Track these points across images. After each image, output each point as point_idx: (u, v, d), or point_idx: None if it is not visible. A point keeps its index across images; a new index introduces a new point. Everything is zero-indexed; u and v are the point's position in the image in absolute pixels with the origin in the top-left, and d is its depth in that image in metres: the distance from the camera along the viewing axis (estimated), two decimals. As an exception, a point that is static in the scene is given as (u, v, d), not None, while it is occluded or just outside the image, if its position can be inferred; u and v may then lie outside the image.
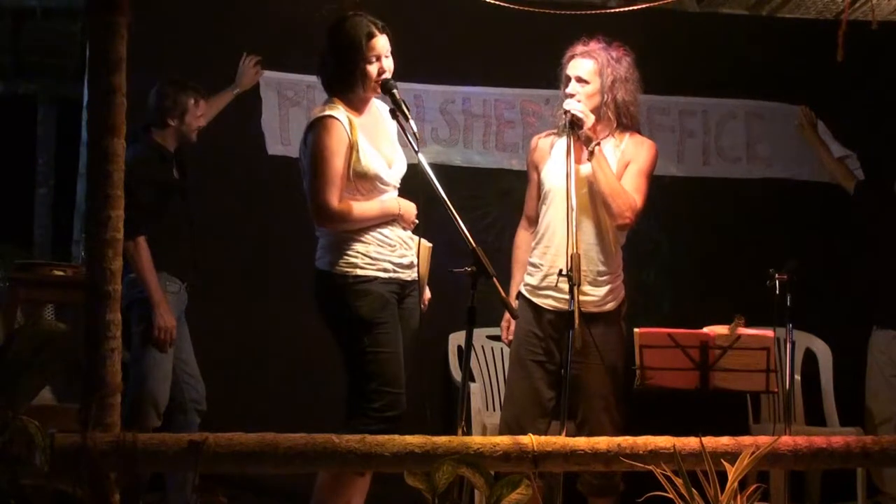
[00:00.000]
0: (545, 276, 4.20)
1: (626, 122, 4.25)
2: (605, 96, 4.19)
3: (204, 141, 5.21)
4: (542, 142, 4.40)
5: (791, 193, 5.86)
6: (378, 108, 3.98)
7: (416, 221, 3.92)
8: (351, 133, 3.77)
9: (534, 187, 4.40)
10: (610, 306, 4.22)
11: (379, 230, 3.83)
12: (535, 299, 4.24)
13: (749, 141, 5.90)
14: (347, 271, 3.79)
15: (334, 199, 3.74)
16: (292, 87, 5.51)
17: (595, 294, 4.17)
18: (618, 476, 4.09)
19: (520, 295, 4.31)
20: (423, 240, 3.89)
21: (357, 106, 3.87)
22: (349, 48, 3.79)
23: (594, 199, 4.15)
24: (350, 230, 3.80)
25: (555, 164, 4.27)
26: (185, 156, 5.01)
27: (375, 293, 3.79)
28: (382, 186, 3.85)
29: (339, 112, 3.79)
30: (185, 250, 4.86)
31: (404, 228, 3.90)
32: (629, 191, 4.16)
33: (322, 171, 3.73)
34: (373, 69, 3.82)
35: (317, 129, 3.77)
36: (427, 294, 3.98)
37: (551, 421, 4.21)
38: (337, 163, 3.73)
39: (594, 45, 4.23)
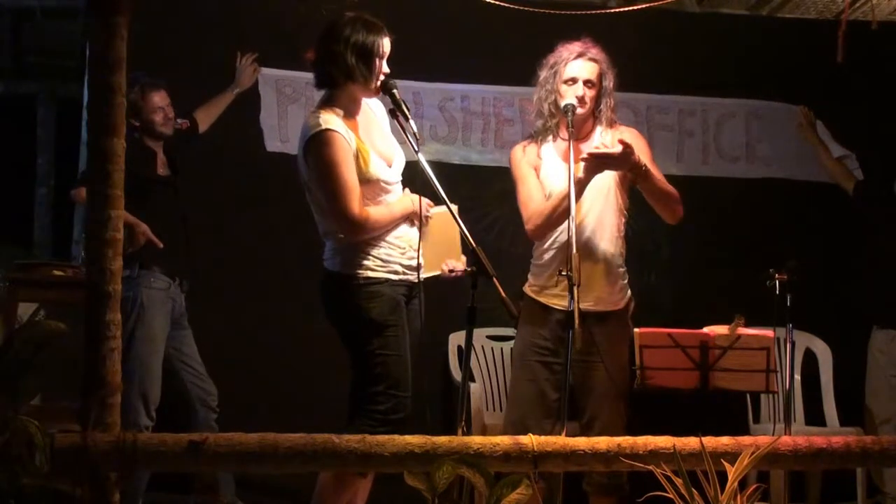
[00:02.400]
0: (553, 275, 4.18)
1: (612, 116, 4.25)
2: (608, 99, 4.19)
3: (203, 138, 5.23)
4: (528, 149, 4.30)
5: (790, 193, 5.86)
6: (368, 104, 3.96)
7: (428, 212, 3.89)
8: (353, 140, 3.76)
9: (534, 185, 4.25)
10: (622, 303, 4.22)
11: (390, 232, 3.83)
12: (542, 299, 4.23)
13: (748, 140, 5.90)
14: (358, 273, 3.78)
15: (357, 209, 3.72)
16: (290, 84, 5.51)
17: (612, 289, 4.18)
18: (624, 476, 4.09)
19: (525, 296, 4.29)
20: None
21: (351, 107, 3.85)
22: (371, 46, 3.77)
23: (601, 194, 4.13)
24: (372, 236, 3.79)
25: (551, 167, 4.23)
26: (174, 152, 5.01)
27: (386, 295, 3.78)
28: (386, 187, 3.85)
29: (336, 122, 3.75)
30: (176, 249, 4.85)
31: (413, 224, 3.88)
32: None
33: (338, 184, 3.71)
34: (383, 68, 3.83)
35: (318, 145, 3.73)
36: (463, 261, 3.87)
37: (556, 421, 4.20)
38: (349, 173, 3.72)
39: (591, 46, 4.20)
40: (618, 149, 3.97)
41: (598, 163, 3.98)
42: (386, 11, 3.95)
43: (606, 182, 4.15)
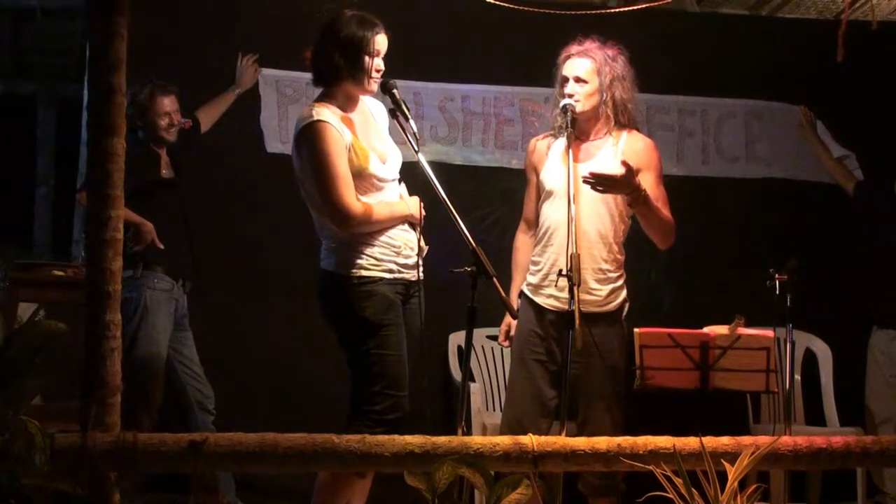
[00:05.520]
0: (546, 276, 4.20)
1: (623, 120, 4.24)
2: (604, 95, 4.19)
3: (203, 139, 5.23)
4: (539, 143, 4.39)
5: (790, 193, 5.86)
6: (367, 103, 3.96)
7: (424, 213, 3.92)
8: (346, 134, 3.76)
9: (533, 189, 4.39)
10: (612, 306, 4.21)
11: (385, 233, 3.83)
12: (536, 298, 4.24)
13: (748, 140, 5.90)
14: (353, 272, 3.77)
15: (353, 200, 3.72)
16: (291, 85, 5.50)
17: (598, 294, 4.17)
18: (619, 476, 4.09)
19: (521, 294, 4.31)
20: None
21: (347, 104, 3.86)
22: (359, 42, 3.77)
23: (596, 199, 4.14)
24: (366, 232, 3.79)
25: (554, 164, 4.27)
26: (178, 155, 5.02)
27: (381, 294, 3.78)
28: (379, 184, 3.85)
29: (329, 115, 3.75)
30: (179, 250, 4.86)
31: (413, 225, 3.89)
32: (663, 208, 4.18)
33: (330, 174, 3.71)
34: (376, 64, 3.83)
35: (309, 136, 3.73)
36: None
37: (553, 421, 4.20)
38: (341, 164, 3.72)
39: (590, 45, 4.23)
40: (620, 171, 3.98)
41: (598, 183, 3.99)
42: (386, 11, 3.95)
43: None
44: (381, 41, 3.83)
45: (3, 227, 7.88)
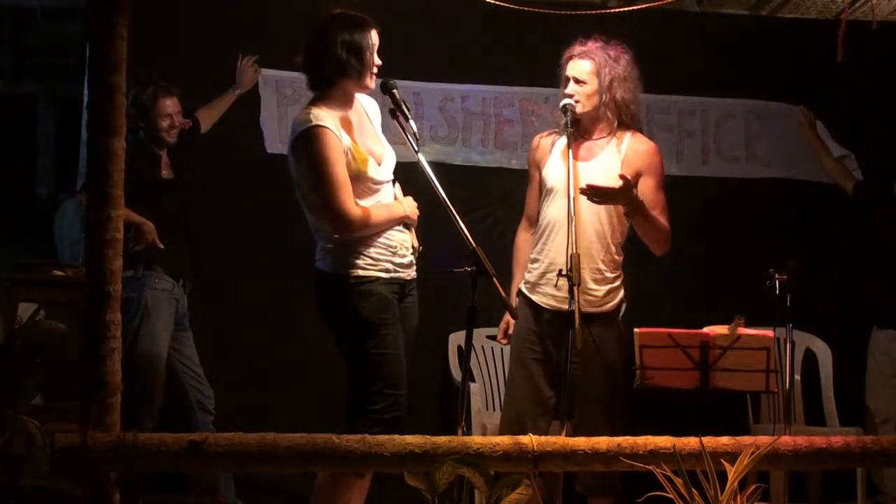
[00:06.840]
0: (543, 274, 4.20)
1: (626, 120, 4.24)
2: (604, 96, 4.18)
3: (203, 139, 5.23)
4: (543, 140, 4.39)
5: (790, 193, 5.86)
6: (360, 101, 3.96)
7: (417, 213, 3.93)
8: (344, 137, 3.76)
9: (535, 186, 4.40)
10: (609, 307, 4.21)
11: (382, 234, 3.83)
12: (533, 297, 4.23)
13: (748, 141, 5.90)
14: (349, 272, 3.78)
15: (352, 206, 3.73)
16: (291, 85, 5.49)
17: (595, 294, 4.16)
18: (616, 476, 4.09)
19: (519, 292, 4.31)
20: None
21: (344, 104, 3.86)
22: (360, 39, 3.78)
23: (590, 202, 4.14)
24: (363, 235, 3.79)
25: (556, 161, 4.27)
26: (179, 156, 5.02)
27: (378, 294, 3.78)
28: (375, 187, 3.85)
29: (327, 119, 3.75)
30: (180, 250, 4.86)
31: (408, 225, 3.90)
32: (660, 216, 4.18)
33: (329, 180, 3.71)
34: (375, 61, 3.84)
35: (308, 141, 3.73)
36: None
37: (552, 420, 4.20)
38: (340, 170, 3.72)
39: (592, 45, 4.22)
40: (617, 184, 3.98)
41: (595, 194, 4.00)
42: (386, 9, 3.95)
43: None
44: (374, 36, 3.84)
45: (3, 227, 7.88)
